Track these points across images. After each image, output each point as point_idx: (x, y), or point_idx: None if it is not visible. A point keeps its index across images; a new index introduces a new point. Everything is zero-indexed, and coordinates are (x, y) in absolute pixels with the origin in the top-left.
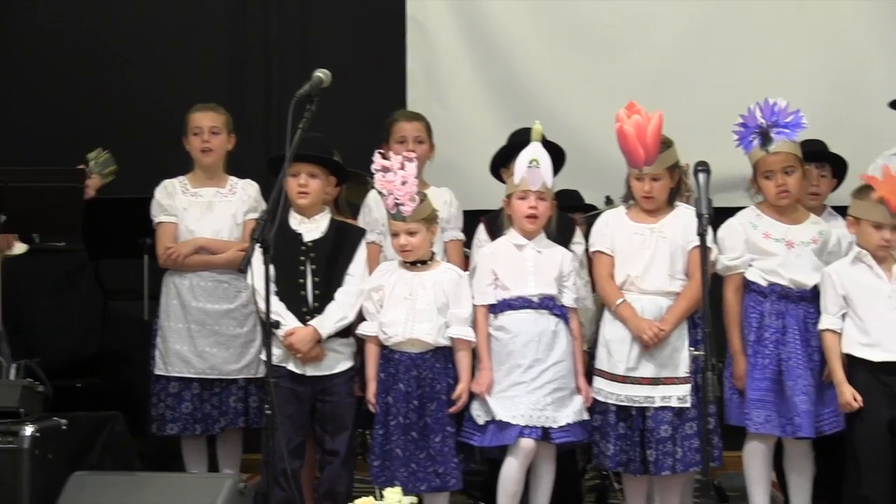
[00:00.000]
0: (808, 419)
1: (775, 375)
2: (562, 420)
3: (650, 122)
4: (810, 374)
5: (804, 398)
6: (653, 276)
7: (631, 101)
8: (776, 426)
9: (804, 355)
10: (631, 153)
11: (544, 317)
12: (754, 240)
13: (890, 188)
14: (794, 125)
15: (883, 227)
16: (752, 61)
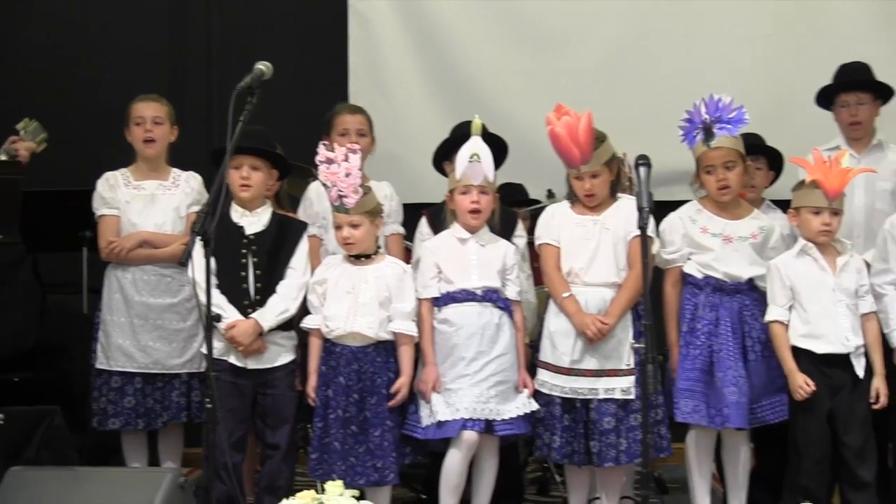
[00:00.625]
0: (736, 410)
1: (706, 366)
2: (506, 413)
3: (580, 122)
4: (741, 366)
5: (734, 389)
6: (597, 268)
7: (558, 104)
8: (704, 416)
9: (736, 347)
10: (566, 154)
11: (488, 309)
12: (692, 234)
13: (822, 171)
14: (737, 121)
15: (822, 211)
16: (692, 56)
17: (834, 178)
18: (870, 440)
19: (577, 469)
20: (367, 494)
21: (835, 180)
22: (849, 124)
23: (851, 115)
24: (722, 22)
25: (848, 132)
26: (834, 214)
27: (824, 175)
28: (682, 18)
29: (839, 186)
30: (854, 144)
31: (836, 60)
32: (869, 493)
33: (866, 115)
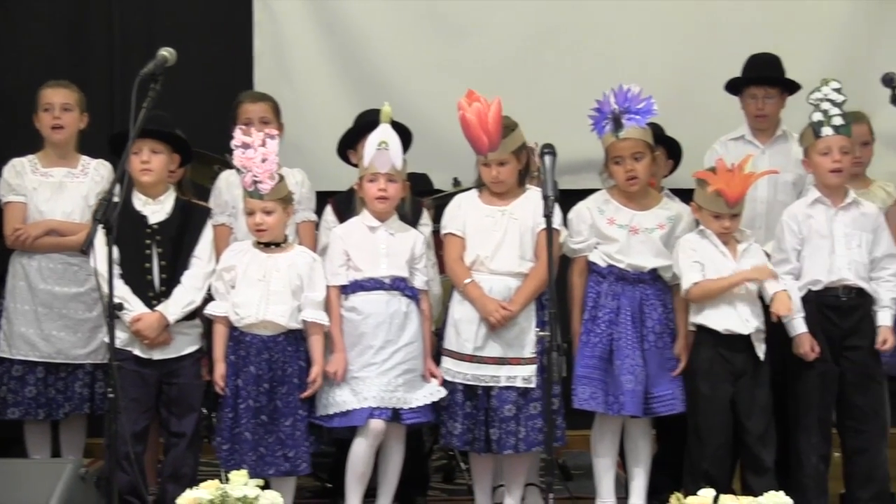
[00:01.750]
0: (632, 398)
1: (605, 354)
2: (413, 402)
3: (490, 109)
4: (639, 355)
5: (630, 378)
6: (502, 257)
7: (470, 90)
8: (601, 403)
9: (635, 337)
10: (475, 140)
11: (396, 298)
12: (599, 225)
13: (725, 181)
14: (646, 112)
15: (722, 216)
16: (598, 45)
17: (736, 185)
18: (771, 426)
19: (481, 456)
20: (272, 484)
21: (737, 188)
22: (755, 116)
23: (758, 108)
24: (628, 12)
25: (754, 123)
26: (733, 217)
27: (727, 184)
28: (589, 8)
29: (741, 193)
30: (759, 135)
31: (741, 50)
32: (769, 477)
33: (773, 108)
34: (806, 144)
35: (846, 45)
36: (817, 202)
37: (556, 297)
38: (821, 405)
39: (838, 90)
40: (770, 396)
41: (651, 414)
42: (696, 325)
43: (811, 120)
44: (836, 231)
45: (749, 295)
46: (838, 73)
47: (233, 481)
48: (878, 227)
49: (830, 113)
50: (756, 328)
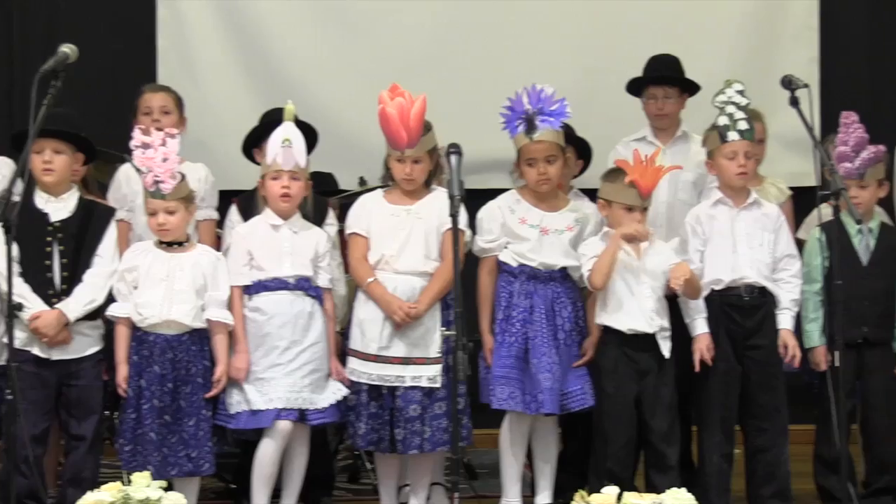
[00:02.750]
0: (551, 396)
1: (521, 353)
2: (319, 402)
3: (413, 105)
4: (555, 353)
5: (548, 375)
6: (407, 257)
7: (394, 84)
8: (519, 402)
9: (549, 334)
10: (393, 135)
11: (300, 298)
12: (510, 224)
13: (640, 172)
14: (559, 114)
15: (634, 209)
16: (505, 43)
17: (649, 176)
18: (675, 424)
19: (386, 456)
20: (175, 485)
21: (649, 179)
22: (655, 116)
23: (658, 108)
24: (535, 10)
25: (654, 123)
26: (643, 211)
27: (641, 175)
28: (495, 6)
29: (653, 185)
30: (660, 135)
31: (646, 51)
32: (673, 475)
33: (673, 108)
34: (711, 147)
35: (744, 46)
36: (719, 203)
37: (462, 296)
38: (723, 404)
39: (741, 92)
40: (675, 395)
41: (565, 410)
42: (601, 325)
43: (716, 123)
44: (738, 231)
45: (653, 292)
46: (737, 74)
47: (135, 483)
48: (779, 227)
49: (736, 117)
50: (661, 327)
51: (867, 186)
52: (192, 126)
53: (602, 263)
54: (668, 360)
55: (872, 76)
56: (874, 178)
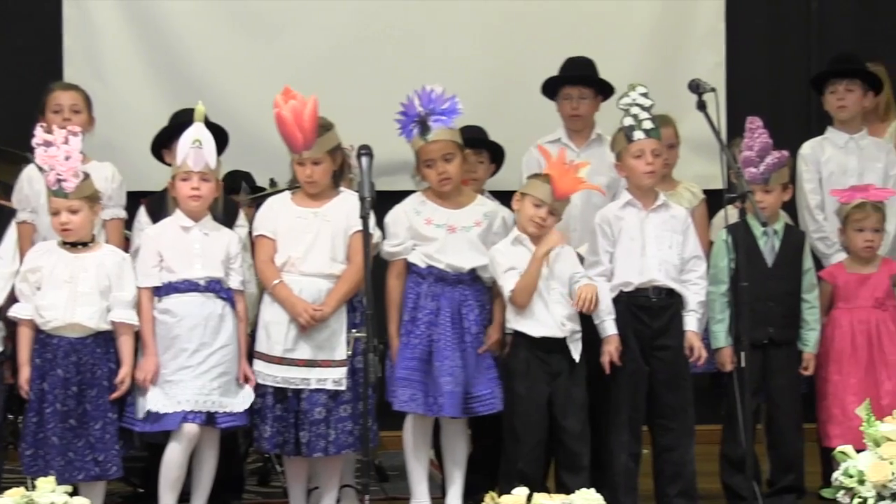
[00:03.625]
0: (451, 399)
1: (425, 356)
2: (229, 406)
3: (306, 107)
4: (459, 356)
5: (449, 379)
6: (314, 259)
7: (287, 86)
8: (420, 405)
9: (454, 337)
10: (290, 138)
11: (211, 300)
12: (416, 226)
13: (558, 169)
14: (451, 111)
15: (542, 205)
16: (416, 46)
17: (567, 181)
18: (587, 425)
19: (294, 459)
20: (81, 490)
21: (567, 184)
22: (570, 116)
23: (573, 108)
24: (447, 12)
25: (569, 124)
26: (551, 213)
27: (560, 174)
28: (407, 8)
29: (568, 191)
30: (574, 137)
31: (555, 54)
32: (585, 475)
33: (587, 109)
34: (618, 149)
35: (652, 51)
36: (629, 205)
37: (372, 298)
38: (631, 404)
39: (645, 94)
40: (587, 396)
41: (471, 413)
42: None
43: (622, 125)
44: (646, 233)
45: (562, 297)
46: (645, 78)
47: (39, 488)
48: (686, 228)
49: (640, 117)
50: (571, 331)
51: (772, 190)
52: (101, 126)
53: (526, 283)
54: (580, 361)
55: (776, 81)
56: (778, 182)
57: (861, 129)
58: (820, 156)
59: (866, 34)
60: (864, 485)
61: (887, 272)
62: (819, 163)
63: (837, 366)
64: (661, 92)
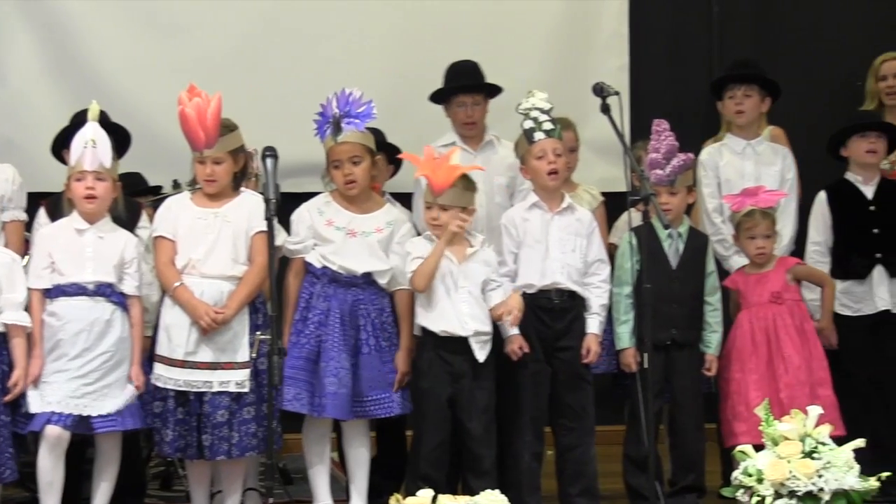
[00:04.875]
0: (334, 401)
1: (313, 356)
2: (104, 409)
3: (210, 105)
4: (346, 358)
5: (333, 381)
6: (215, 260)
7: (192, 84)
8: (305, 404)
9: (343, 340)
10: (192, 136)
11: (100, 304)
12: (317, 226)
13: (431, 168)
14: (365, 115)
15: (431, 206)
16: (319, 48)
17: (441, 174)
18: (491, 427)
19: (197, 462)
20: None
21: (442, 176)
22: (465, 124)
23: (468, 116)
24: (349, 14)
25: (463, 131)
26: (443, 210)
27: (432, 171)
28: (311, 10)
29: (446, 182)
30: (468, 142)
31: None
32: (489, 478)
33: (480, 114)
34: (522, 152)
35: (557, 54)
36: (534, 207)
37: (277, 300)
38: (533, 404)
39: (545, 98)
40: (492, 397)
41: (365, 416)
42: (420, 327)
43: (523, 128)
44: (551, 235)
45: (470, 297)
46: (549, 81)
47: None
48: (591, 232)
49: (540, 119)
50: (475, 331)
51: (677, 193)
52: (2, 125)
53: (425, 267)
54: (485, 363)
55: (678, 85)
56: (684, 184)
57: (758, 134)
58: (718, 161)
59: (766, 40)
60: (763, 483)
61: (783, 268)
62: (717, 168)
63: (740, 364)
64: (565, 95)
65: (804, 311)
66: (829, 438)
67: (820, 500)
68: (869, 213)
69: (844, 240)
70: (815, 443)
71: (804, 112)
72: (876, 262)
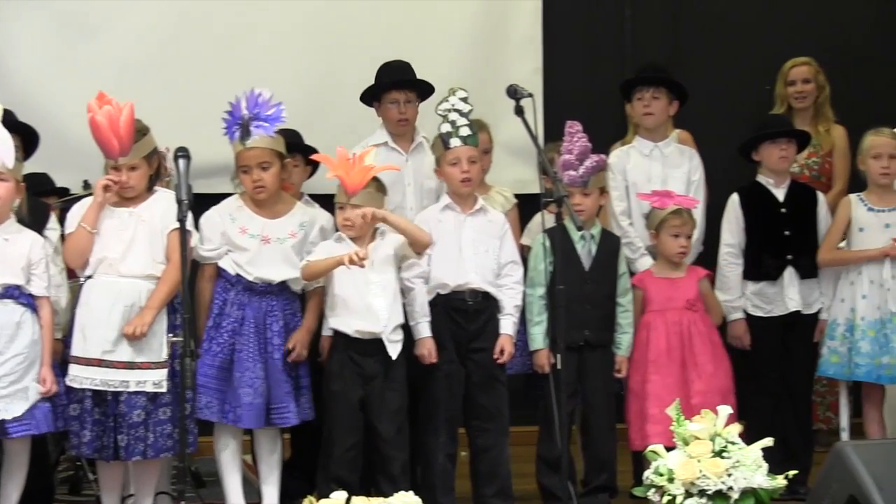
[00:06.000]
0: (250, 411)
1: (226, 364)
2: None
3: (122, 113)
4: (260, 368)
5: (249, 391)
6: (132, 260)
7: (101, 92)
8: (216, 412)
9: (257, 348)
10: (105, 144)
11: (8, 307)
12: (230, 234)
13: (344, 168)
14: (274, 119)
15: (344, 207)
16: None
17: (355, 174)
18: (403, 428)
19: (109, 465)
20: None
21: (356, 177)
22: (397, 121)
23: (401, 113)
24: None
25: (396, 129)
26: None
27: (346, 172)
28: (226, 9)
29: (359, 183)
30: (399, 141)
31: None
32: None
33: (413, 113)
34: (437, 154)
35: (471, 56)
36: (447, 208)
37: (189, 301)
38: (448, 405)
39: (465, 100)
40: (404, 399)
41: (274, 424)
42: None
43: (440, 131)
44: (464, 237)
45: (384, 291)
46: (464, 83)
47: None
48: (504, 234)
49: (458, 123)
50: (388, 326)
51: (590, 194)
52: None
53: (319, 266)
54: (396, 365)
55: (591, 87)
56: (596, 185)
57: (666, 136)
58: (626, 163)
59: (677, 43)
60: (674, 483)
61: (695, 277)
62: (625, 170)
63: (655, 366)
64: (478, 97)
65: (710, 321)
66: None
67: (729, 498)
68: (780, 216)
69: (757, 242)
70: (725, 442)
71: (714, 115)
72: (787, 264)
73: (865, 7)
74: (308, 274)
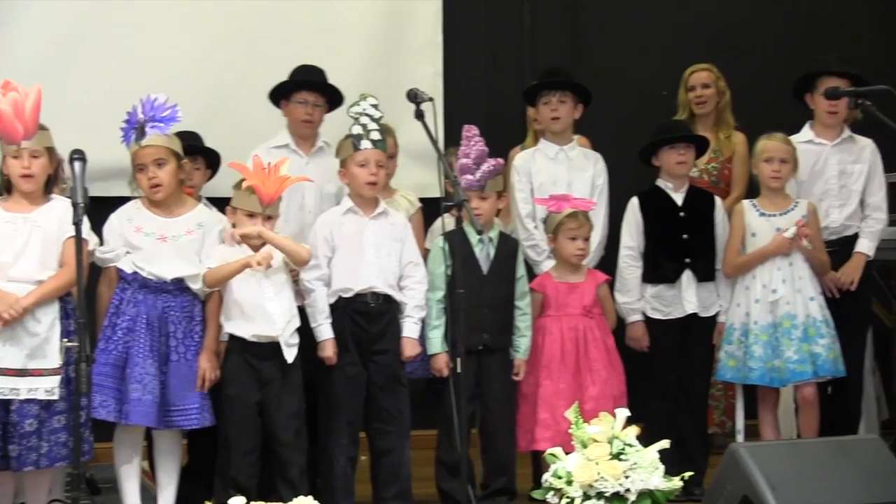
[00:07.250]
0: (138, 408)
1: (120, 362)
2: None
3: (28, 97)
4: (152, 365)
5: (137, 387)
6: (24, 265)
7: (6, 80)
8: (111, 412)
9: (150, 347)
10: (8, 130)
11: None
12: (126, 234)
13: (260, 177)
14: (170, 119)
15: (255, 215)
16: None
17: (271, 184)
18: (301, 432)
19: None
20: None
21: (271, 187)
22: (302, 122)
23: (307, 114)
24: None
25: (300, 129)
26: (268, 219)
27: (261, 181)
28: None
29: (275, 193)
30: (301, 144)
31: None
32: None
33: (319, 116)
34: (344, 156)
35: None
36: (350, 211)
37: (85, 306)
38: (350, 408)
39: (376, 106)
40: (301, 402)
41: (174, 426)
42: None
43: (350, 132)
44: (366, 240)
45: (279, 297)
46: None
47: None
48: (405, 236)
49: (369, 127)
50: (286, 329)
51: (487, 198)
52: None
53: (223, 272)
54: (293, 369)
55: (491, 91)
56: (494, 189)
57: (571, 140)
58: (531, 167)
59: (576, 48)
60: (572, 485)
61: (594, 282)
62: (530, 173)
63: (547, 371)
64: (381, 101)
65: (607, 326)
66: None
67: (626, 500)
68: (679, 219)
69: (655, 245)
70: (623, 444)
71: (613, 119)
72: (685, 267)
73: (769, 13)
74: (212, 281)
